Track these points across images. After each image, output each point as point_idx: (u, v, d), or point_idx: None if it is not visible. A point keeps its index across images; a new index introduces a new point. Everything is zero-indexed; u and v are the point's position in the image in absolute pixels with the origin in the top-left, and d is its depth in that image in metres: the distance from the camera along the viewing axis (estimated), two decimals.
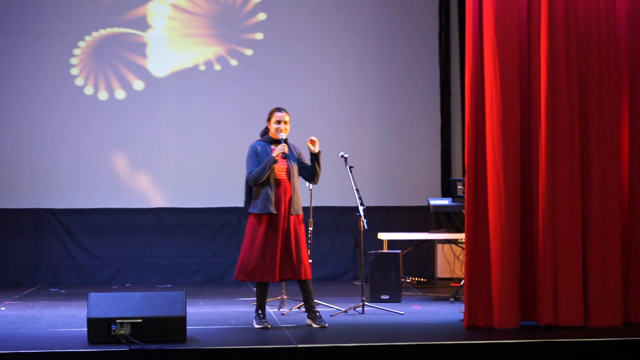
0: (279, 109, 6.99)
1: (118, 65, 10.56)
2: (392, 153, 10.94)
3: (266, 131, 7.06)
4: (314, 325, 6.84)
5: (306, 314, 7.02)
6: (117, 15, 10.55)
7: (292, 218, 6.86)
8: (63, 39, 10.45)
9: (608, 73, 6.86)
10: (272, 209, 6.78)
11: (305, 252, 6.94)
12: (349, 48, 10.89)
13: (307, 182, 7.23)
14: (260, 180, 6.80)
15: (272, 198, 6.80)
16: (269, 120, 7.00)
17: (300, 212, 6.95)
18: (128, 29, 10.58)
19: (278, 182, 6.85)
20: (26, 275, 10.29)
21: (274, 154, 6.80)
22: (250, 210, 6.89)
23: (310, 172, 7.02)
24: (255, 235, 6.79)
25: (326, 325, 6.85)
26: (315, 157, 6.96)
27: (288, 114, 6.97)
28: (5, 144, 10.36)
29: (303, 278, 6.86)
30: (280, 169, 6.87)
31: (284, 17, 10.81)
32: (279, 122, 6.93)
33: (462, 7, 10.56)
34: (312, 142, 6.93)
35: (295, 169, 6.96)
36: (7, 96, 10.39)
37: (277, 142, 6.91)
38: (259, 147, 6.95)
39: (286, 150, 6.84)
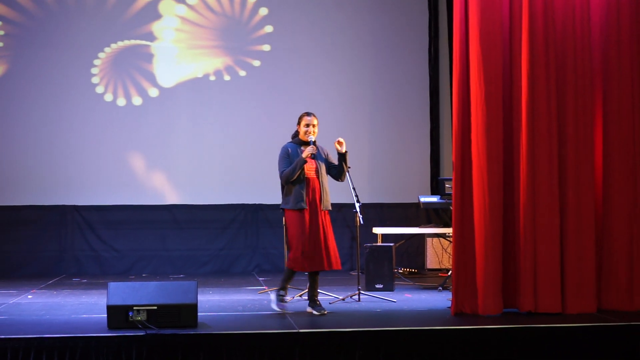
0: (308, 114, 7.02)
1: (135, 75, 10.55)
2: (386, 154, 10.94)
3: (296, 134, 7.07)
4: (315, 313, 6.83)
5: (307, 301, 7.02)
6: (133, 28, 10.54)
7: (322, 213, 6.90)
8: (85, 51, 10.44)
9: (583, 82, 6.86)
10: (304, 205, 6.81)
11: (334, 244, 6.95)
12: (347, 58, 10.89)
13: (336, 180, 7.19)
14: (291, 179, 6.84)
15: (303, 195, 6.81)
16: (298, 123, 7.02)
17: (329, 208, 6.98)
18: (143, 41, 10.56)
19: (308, 181, 6.88)
20: (51, 266, 10.29)
21: (304, 154, 6.83)
22: (283, 206, 6.94)
23: (337, 170, 7.05)
24: (296, 228, 6.80)
25: (326, 312, 6.84)
26: (342, 156, 6.98)
27: (316, 118, 7.01)
28: (32, 147, 10.35)
29: (335, 268, 6.91)
30: (309, 168, 6.89)
31: (290, 30, 10.80)
32: (307, 125, 6.95)
33: (450, 21, 10.60)
34: (340, 143, 6.97)
35: (323, 168, 6.97)
36: (35, 103, 10.38)
37: (307, 143, 6.93)
38: (289, 149, 6.97)
39: (314, 151, 6.85)
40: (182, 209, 10.60)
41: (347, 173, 7.20)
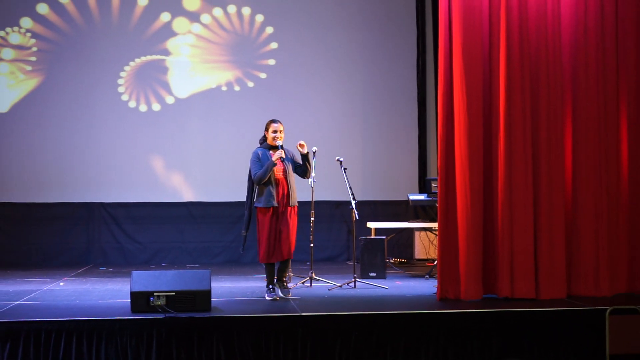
0: (274, 121, 6.99)
1: (155, 85, 10.55)
2: (378, 157, 10.92)
3: (264, 139, 7.04)
4: (281, 295, 6.82)
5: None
6: (153, 45, 10.53)
7: (289, 209, 6.87)
8: (112, 64, 10.45)
9: (554, 93, 6.87)
10: (275, 203, 6.79)
11: (294, 236, 6.92)
12: (343, 71, 10.87)
13: (310, 180, 7.20)
14: (263, 180, 6.82)
15: (274, 194, 6.80)
16: (266, 130, 7.00)
17: (296, 204, 6.95)
18: (162, 56, 10.56)
19: (277, 181, 6.85)
20: (80, 257, 10.28)
21: (274, 158, 6.81)
22: (256, 204, 6.90)
23: (302, 169, 7.03)
24: (265, 225, 6.80)
25: (290, 295, 6.84)
26: (305, 157, 6.97)
27: (282, 124, 6.98)
28: (64, 149, 10.34)
29: (290, 257, 6.89)
30: (278, 170, 6.87)
31: (293, 47, 10.77)
32: (275, 131, 6.93)
33: (435, 38, 10.57)
34: (301, 145, 6.94)
35: (290, 168, 6.95)
36: (66, 111, 10.37)
37: (275, 148, 6.91)
38: (260, 153, 6.94)
39: (283, 155, 6.84)
40: (198, 205, 10.59)
41: (343, 174, 7.19)
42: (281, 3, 10.80)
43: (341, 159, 7.71)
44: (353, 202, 7.49)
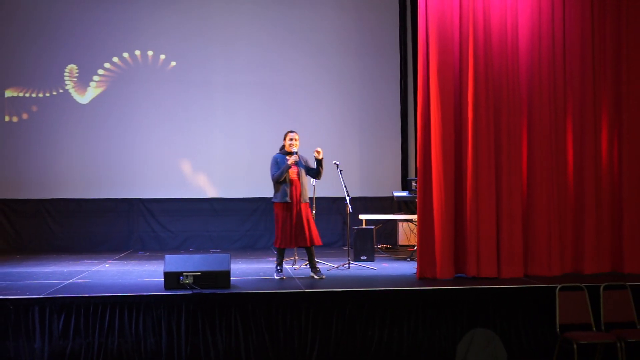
0: (291, 131, 7.01)
1: (183, 98, 10.54)
2: (368, 160, 10.92)
3: (283, 146, 7.05)
4: (315, 277, 6.82)
5: (310, 269, 7.01)
6: (186, 74, 10.54)
7: (302, 205, 6.85)
8: (151, 88, 10.45)
9: (513, 108, 6.87)
10: (288, 199, 6.78)
11: (314, 226, 6.91)
12: (341, 91, 10.87)
13: (313, 179, 7.20)
14: (279, 180, 6.82)
15: (287, 192, 6.79)
16: (284, 139, 7.01)
17: (307, 201, 6.94)
18: (192, 78, 10.55)
19: (291, 181, 6.84)
20: (122, 243, 10.28)
21: (289, 162, 6.81)
22: (273, 200, 6.91)
23: (315, 172, 7.01)
24: (280, 217, 6.79)
25: (324, 277, 6.83)
26: (319, 162, 6.95)
27: (297, 134, 6.97)
28: (109, 154, 10.34)
29: (315, 244, 6.85)
30: (292, 172, 6.87)
31: (301, 71, 10.77)
32: (291, 139, 6.93)
33: (415, 63, 10.60)
34: (317, 152, 6.93)
35: (303, 171, 6.95)
36: (112, 123, 10.38)
37: (290, 153, 6.91)
38: (278, 158, 6.95)
39: (297, 159, 6.84)
40: (219, 201, 10.59)
41: (340, 174, 7.16)
42: (300, 38, 10.76)
43: (337, 162, 7.70)
44: (347, 198, 7.47)
